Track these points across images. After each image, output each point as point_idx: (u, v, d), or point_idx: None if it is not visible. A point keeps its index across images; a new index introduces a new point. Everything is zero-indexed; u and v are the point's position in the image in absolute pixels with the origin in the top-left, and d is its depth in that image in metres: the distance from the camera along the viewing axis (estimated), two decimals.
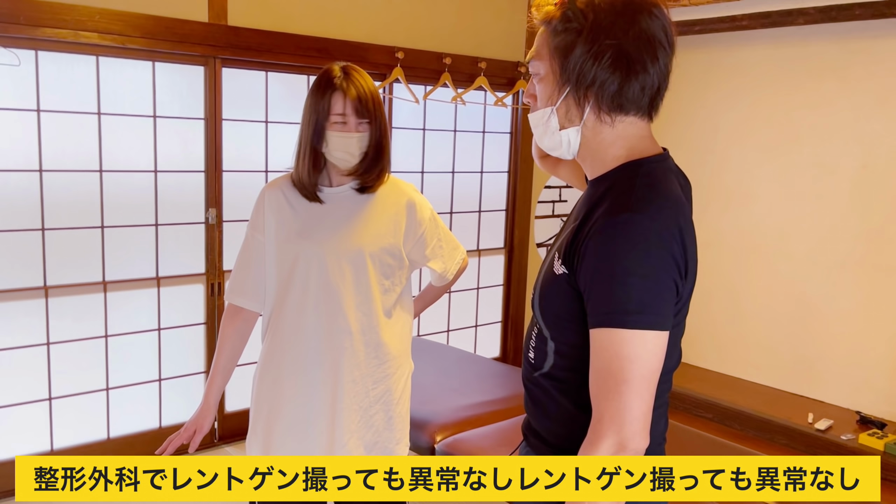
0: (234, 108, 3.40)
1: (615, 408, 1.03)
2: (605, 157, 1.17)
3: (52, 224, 2.99)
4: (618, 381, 1.03)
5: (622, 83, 1.10)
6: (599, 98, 1.12)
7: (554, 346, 1.20)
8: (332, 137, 1.77)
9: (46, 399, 3.07)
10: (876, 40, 3.53)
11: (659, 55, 1.11)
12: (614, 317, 1.04)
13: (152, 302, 3.30)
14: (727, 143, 4.14)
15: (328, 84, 1.77)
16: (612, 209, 1.08)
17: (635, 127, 1.16)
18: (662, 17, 1.11)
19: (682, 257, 1.08)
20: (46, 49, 2.88)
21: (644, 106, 1.14)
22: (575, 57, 1.11)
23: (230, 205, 3.41)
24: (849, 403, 3.73)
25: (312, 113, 1.78)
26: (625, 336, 1.03)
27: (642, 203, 1.07)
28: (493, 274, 4.67)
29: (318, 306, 1.79)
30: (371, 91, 1.78)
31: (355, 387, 1.81)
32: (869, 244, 3.63)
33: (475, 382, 2.89)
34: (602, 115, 1.13)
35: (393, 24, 3.84)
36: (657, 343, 1.04)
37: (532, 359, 1.27)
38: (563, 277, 1.14)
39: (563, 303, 1.15)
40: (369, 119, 1.78)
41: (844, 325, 3.73)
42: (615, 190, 1.12)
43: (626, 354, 1.03)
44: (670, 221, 1.07)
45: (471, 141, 4.42)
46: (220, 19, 3.23)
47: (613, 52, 1.09)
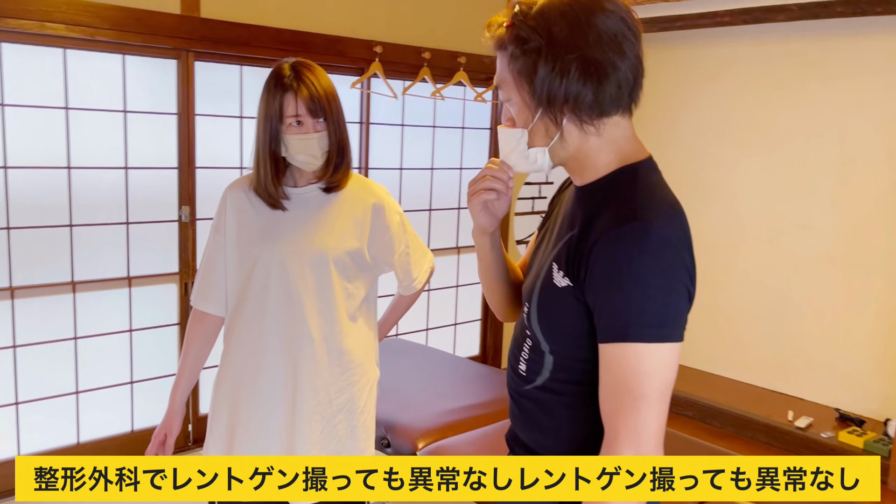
0: (207, 103, 3.31)
1: (633, 424, 1.00)
2: (595, 163, 1.13)
3: (18, 222, 2.89)
4: (634, 396, 1.00)
5: (596, 90, 1.06)
6: (577, 111, 1.07)
7: (553, 359, 1.15)
8: (290, 140, 1.69)
9: (13, 403, 2.97)
10: (857, 38, 3.53)
11: (626, 48, 1.06)
12: (629, 330, 1.00)
13: (123, 302, 3.20)
14: (708, 139, 4.13)
15: (278, 84, 1.69)
16: (617, 218, 1.04)
17: (619, 127, 1.12)
18: (617, 8, 1.06)
19: (692, 264, 1.05)
20: (10, 41, 2.77)
21: (624, 102, 1.10)
22: (540, 78, 1.06)
23: (204, 202, 3.32)
24: (828, 401, 3.75)
25: (266, 116, 1.70)
26: (640, 350, 1.00)
27: (649, 211, 1.04)
28: (472, 271, 4.62)
29: (278, 311, 1.73)
30: (325, 87, 1.70)
31: (317, 395, 1.76)
32: (848, 242, 3.64)
33: (457, 385, 2.84)
34: (585, 126, 1.09)
35: (371, 18, 3.77)
36: (672, 356, 1.02)
37: (523, 371, 1.22)
38: (567, 290, 1.10)
39: (568, 317, 1.11)
40: (326, 117, 1.70)
41: (824, 322, 3.74)
42: (615, 198, 1.08)
43: (643, 369, 1.00)
44: (678, 228, 1.05)
45: (450, 137, 4.36)
46: (192, 11, 3.14)
47: (579, 64, 1.04)
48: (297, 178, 1.79)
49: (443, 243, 4.41)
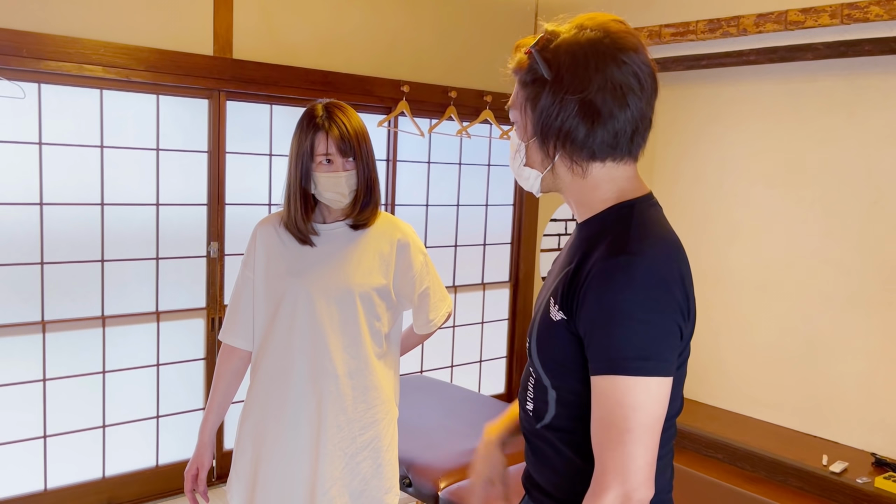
0: (238, 141, 3.37)
1: (619, 458, 1.00)
2: (592, 199, 1.15)
3: (52, 258, 2.95)
4: (621, 430, 1.00)
5: (588, 133, 1.09)
6: (567, 148, 1.11)
7: (555, 394, 1.15)
8: (319, 178, 1.74)
9: (41, 437, 3.00)
10: (885, 76, 3.50)
11: (629, 101, 1.08)
12: (616, 363, 1.00)
13: (151, 337, 3.24)
14: (735, 177, 4.10)
15: (310, 124, 1.75)
16: (609, 252, 1.05)
17: (620, 170, 1.14)
18: (633, 62, 1.08)
19: (683, 299, 1.05)
20: (50, 82, 2.86)
21: (623, 150, 1.11)
22: (540, 108, 1.11)
23: (232, 238, 3.37)
24: (863, 444, 3.64)
25: (297, 154, 1.75)
26: (627, 383, 1.00)
27: (641, 245, 1.04)
28: (499, 308, 4.61)
29: (304, 347, 1.75)
30: (355, 128, 1.75)
31: (340, 432, 1.75)
32: (881, 281, 3.57)
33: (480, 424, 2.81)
34: (574, 167, 1.12)
35: (398, 58, 3.84)
36: (660, 390, 1.01)
37: (531, 410, 1.22)
38: (561, 323, 1.11)
39: (562, 350, 1.11)
40: (355, 157, 1.74)
41: (857, 363, 3.65)
42: (610, 232, 1.09)
43: (628, 403, 1.00)
44: (671, 263, 1.05)
45: (476, 174, 4.39)
46: (224, 52, 3.22)
47: (578, 104, 1.07)
48: (326, 215, 1.82)
49: (468, 279, 4.40)
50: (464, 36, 4.10)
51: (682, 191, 4.33)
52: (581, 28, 1.09)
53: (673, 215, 4.35)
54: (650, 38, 3.97)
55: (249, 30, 3.30)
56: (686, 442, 3.86)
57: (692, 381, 4.26)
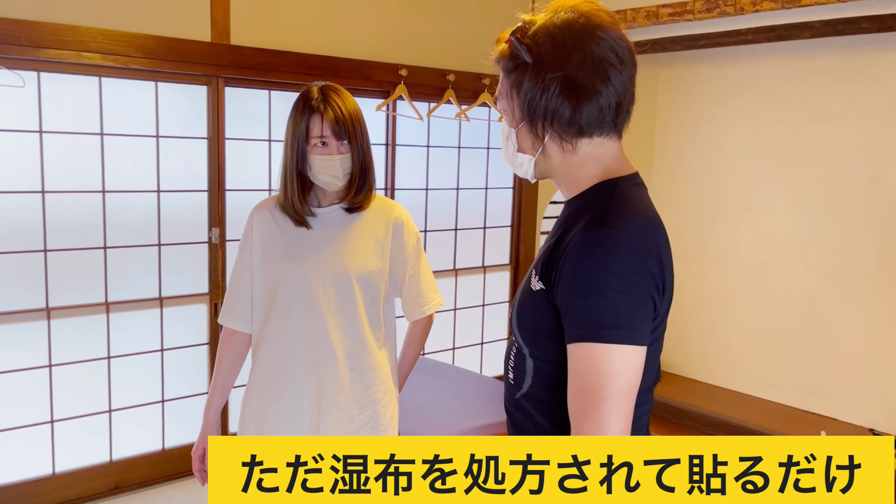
0: (237, 127, 3.39)
1: (594, 424, 1.02)
2: (578, 178, 1.18)
3: (55, 245, 2.98)
4: (596, 397, 1.02)
5: (574, 110, 1.12)
6: (555, 127, 1.14)
7: (533, 363, 1.19)
8: (314, 161, 1.75)
9: (48, 422, 3.05)
10: (883, 53, 3.50)
11: (611, 75, 1.11)
12: (591, 331, 1.03)
13: (155, 322, 3.27)
14: (734, 156, 4.11)
15: (306, 106, 1.75)
16: (589, 226, 1.08)
17: (605, 147, 1.17)
18: (610, 38, 1.12)
19: (659, 274, 1.08)
20: (49, 70, 2.88)
21: (608, 125, 1.15)
22: (524, 91, 1.15)
23: (233, 224, 3.39)
24: (862, 421, 3.67)
25: (293, 137, 1.76)
26: (602, 351, 1.02)
27: (620, 220, 1.08)
28: (499, 290, 4.63)
29: (302, 329, 1.77)
30: (350, 111, 1.76)
31: (339, 412, 1.78)
32: (880, 258, 3.58)
33: (481, 404, 2.85)
34: (563, 144, 1.16)
35: (396, 42, 3.84)
36: (635, 358, 1.04)
37: (512, 379, 1.25)
38: (540, 293, 1.14)
39: (541, 319, 1.15)
40: (350, 139, 1.75)
41: (856, 340, 3.68)
42: (591, 207, 1.12)
43: (603, 370, 1.02)
44: (648, 238, 1.08)
45: (475, 157, 4.40)
46: (222, 39, 3.23)
47: (560, 83, 1.11)
48: (321, 199, 1.83)
49: (469, 263, 4.43)
50: (462, 19, 4.09)
51: (683, 170, 4.34)
52: (555, 12, 1.14)
53: (674, 195, 4.36)
54: (647, 18, 3.96)
55: (247, 15, 3.30)
56: (687, 420, 3.90)
57: (692, 360, 4.29)
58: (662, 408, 3.95)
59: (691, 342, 4.30)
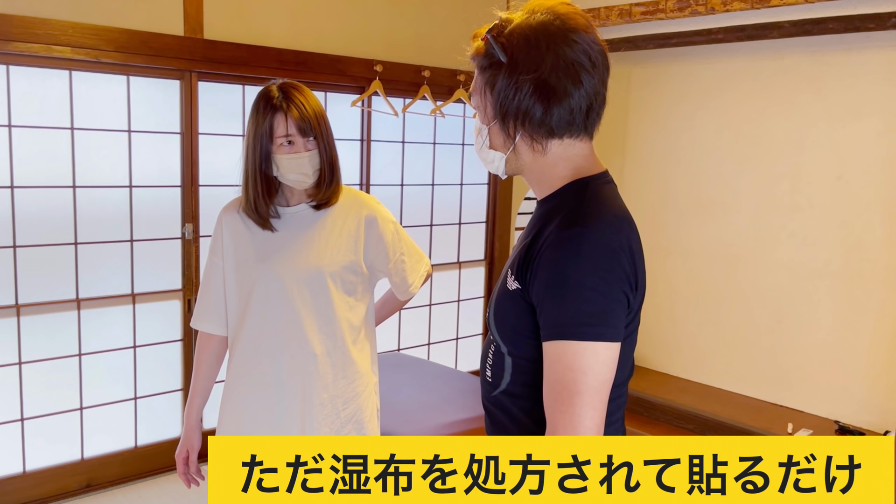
0: (210, 122, 3.36)
1: (568, 419, 1.04)
2: (550, 177, 1.20)
3: (24, 241, 2.93)
4: (571, 393, 1.04)
5: (545, 111, 1.13)
6: (526, 127, 1.16)
7: (511, 361, 1.20)
8: (281, 160, 1.73)
9: (18, 420, 3.00)
10: (850, 53, 3.58)
11: (583, 78, 1.13)
12: (565, 329, 1.05)
13: (127, 319, 3.24)
14: (704, 153, 4.17)
15: (267, 106, 1.72)
16: (563, 225, 1.10)
17: (575, 148, 1.19)
18: (584, 41, 1.13)
19: (632, 271, 1.10)
20: (18, 63, 2.83)
21: (578, 127, 1.17)
22: (497, 90, 1.16)
23: (207, 219, 3.37)
24: (827, 413, 3.76)
25: (255, 138, 1.73)
26: (576, 348, 1.04)
27: (592, 218, 1.10)
28: (474, 286, 4.66)
29: (279, 330, 1.77)
30: (314, 107, 1.74)
31: (324, 409, 1.79)
32: (846, 254, 3.67)
33: (457, 399, 2.87)
34: (534, 144, 1.17)
35: (371, 38, 3.83)
36: (608, 355, 1.06)
37: (489, 377, 1.27)
38: (516, 293, 1.16)
39: (518, 318, 1.16)
40: (316, 136, 1.74)
41: (823, 334, 3.76)
42: (564, 206, 1.14)
43: (578, 366, 1.04)
44: (620, 236, 1.10)
45: (450, 153, 4.41)
46: (195, 33, 3.20)
47: (532, 84, 1.12)
48: (289, 197, 1.82)
49: (444, 258, 4.44)
50: (437, 15, 4.10)
51: (653, 167, 4.40)
52: (532, 12, 1.15)
53: (645, 191, 4.42)
54: (620, 16, 4.00)
55: (220, 9, 3.27)
56: (658, 413, 3.96)
57: (663, 354, 4.36)
58: (634, 401, 4.00)
59: (662, 336, 4.36)
